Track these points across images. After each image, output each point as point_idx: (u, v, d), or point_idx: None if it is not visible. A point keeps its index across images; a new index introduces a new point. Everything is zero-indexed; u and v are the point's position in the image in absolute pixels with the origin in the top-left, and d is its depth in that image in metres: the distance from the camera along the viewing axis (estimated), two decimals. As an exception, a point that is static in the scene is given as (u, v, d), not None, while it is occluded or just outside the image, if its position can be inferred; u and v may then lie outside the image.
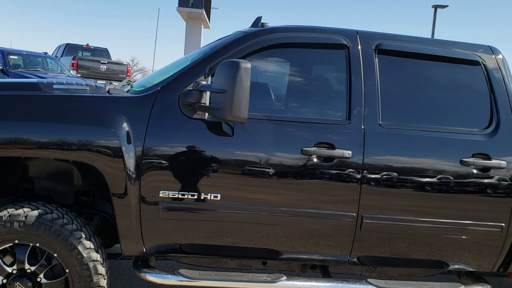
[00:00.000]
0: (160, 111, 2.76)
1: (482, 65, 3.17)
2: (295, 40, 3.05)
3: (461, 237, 3.04)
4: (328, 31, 3.09)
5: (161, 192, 2.74)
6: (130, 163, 2.67)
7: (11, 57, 12.57)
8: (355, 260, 3.05)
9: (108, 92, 2.88)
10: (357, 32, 3.10)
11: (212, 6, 21.36)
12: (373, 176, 2.88)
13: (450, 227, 3.00)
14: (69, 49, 18.07)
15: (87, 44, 18.60)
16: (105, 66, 16.29)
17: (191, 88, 2.77)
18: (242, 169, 2.80)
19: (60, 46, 18.89)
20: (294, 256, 3.01)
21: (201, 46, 6.84)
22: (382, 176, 2.90)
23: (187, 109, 2.77)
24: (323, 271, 3.20)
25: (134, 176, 2.68)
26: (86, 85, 2.92)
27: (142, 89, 2.91)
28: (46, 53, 16.09)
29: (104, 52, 18.89)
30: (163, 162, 2.72)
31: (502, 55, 3.26)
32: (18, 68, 12.53)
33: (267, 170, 2.81)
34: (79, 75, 15.01)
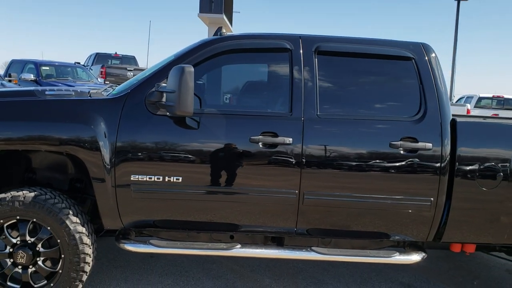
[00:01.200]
0: (130, 110, 3.35)
1: (413, 61, 3.60)
2: (245, 46, 3.59)
3: (397, 211, 3.48)
4: (274, 37, 3.61)
5: (132, 176, 3.33)
6: (106, 153, 3.27)
7: (43, 68, 13.62)
8: (305, 232, 3.54)
9: (90, 95, 3.51)
10: (300, 36, 3.60)
11: (234, 10, 22.04)
12: (311, 158, 3.38)
13: (385, 202, 3.44)
14: (99, 58, 19.19)
15: (116, 53, 19.66)
16: (131, 73, 17.17)
17: (154, 90, 3.35)
18: (200, 156, 3.35)
19: (90, 56, 20.06)
20: (250, 229, 3.54)
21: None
22: (319, 158, 3.39)
23: (152, 107, 3.35)
24: (278, 243, 3.72)
25: (109, 164, 3.29)
26: (72, 90, 3.56)
27: (117, 92, 3.52)
28: (78, 63, 17.18)
29: (131, 60, 19.91)
30: (133, 151, 3.31)
31: (435, 53, 3.67)
32: (51, 78, 13.54)
33: (220, 156, 3.36)
34: (108, 82, 15.94)
